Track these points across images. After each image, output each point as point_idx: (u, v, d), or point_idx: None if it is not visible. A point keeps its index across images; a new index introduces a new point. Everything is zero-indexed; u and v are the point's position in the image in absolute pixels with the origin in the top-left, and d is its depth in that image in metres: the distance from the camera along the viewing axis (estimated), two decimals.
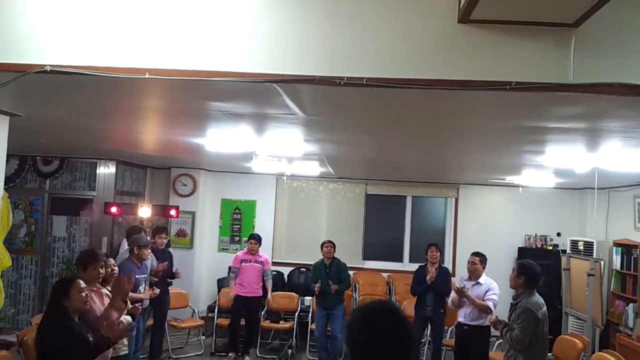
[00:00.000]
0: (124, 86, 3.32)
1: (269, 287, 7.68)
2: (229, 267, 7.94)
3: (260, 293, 7.59)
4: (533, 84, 2.79)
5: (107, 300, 4.37)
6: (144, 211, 7.73)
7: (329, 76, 2.85)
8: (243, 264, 7.53)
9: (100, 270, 4.29)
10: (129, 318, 4.66)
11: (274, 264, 9.35)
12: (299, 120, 4.11)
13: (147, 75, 2.97)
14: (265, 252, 8.06)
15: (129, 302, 4.62)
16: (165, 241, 7.35)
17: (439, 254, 6.98)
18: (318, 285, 7.15)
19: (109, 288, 4.49)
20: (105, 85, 3.31)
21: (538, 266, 4.62)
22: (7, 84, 3.23)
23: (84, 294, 3.76)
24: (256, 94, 3.34)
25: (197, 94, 3.52)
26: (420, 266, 7.14)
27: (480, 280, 5.87)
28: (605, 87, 2.78)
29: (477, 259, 5.94)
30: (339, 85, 2.86)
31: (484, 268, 5.93)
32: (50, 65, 3.03)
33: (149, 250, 6.02)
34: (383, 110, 3.64)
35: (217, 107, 3.86)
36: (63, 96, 3.88)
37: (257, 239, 7.69)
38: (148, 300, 6.32)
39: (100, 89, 3.50)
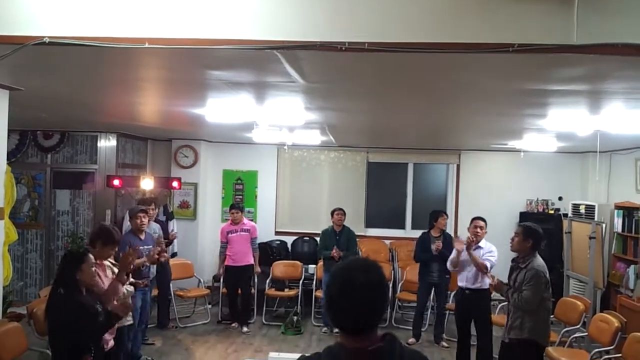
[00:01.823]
0: (123, 56, 3.29)
1: (257, 256, 7.71)
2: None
3: (252, 261, 7.62)
4: (536, 45, 2.76)
5: (109, 272, 4.45)
6: (147, 183, 7.75)
7: (330, 42, 2.82)
8: (230, 235, 7.56)
9: (112, 252, 4.45)
10: (131, 288, 4.74)
11: (277, 233, 9.46)
12: (300, 88, 4.09)
13: (146, 45, 2.95)
14: (268, 221, 8.14)
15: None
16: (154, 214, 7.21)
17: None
18: (335, 250, 7.19)
19: (112, 260, 4.57)
20: (105, 56, 3.30)
21: (540, 228, 4.66)
22: (6, 57, 3.21)
23: (93, 269, 3.83)
24: (256, 61, 3.32)
25: (197, 63, 3.49)
26: (423, 233, 7.20)
27: (481, 244, 5.93)
28: (609, 48, 2.75)
29: (483, 223, 5.98)
30: (340, 51, 2.84)
31: (485, 233, 5.98)
32: (48, 37, 3.00)
33: (146, 219, 6.01)
34: (384, 75, 3.62)
35: (217, 76, 3.83)
36: (62, 68, 3.85)
37: (238, 208, 7.70)
38: (155, 272, 6.41)
39: (100, 60, 3.47)
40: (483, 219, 6.03)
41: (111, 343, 4.30)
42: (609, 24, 2.74)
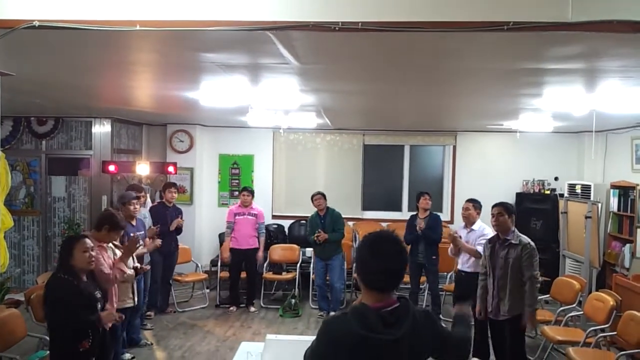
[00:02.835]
0: (115, 39, 3.26)
1: (262, 241, 7.75)
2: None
3: (257, 245, 7.68)
4: (531, 23, 2.74)
5: (111, 253, 4.50)
6: (142, 168, 7.75)
7: (323, 21, 2.79)
8: (237, 217, 7.61)
9: (117, 237, 4.58)
10: (131, 272, 4.76)
11: (274, 217, 9.47)
12: (294, 70, 4.06)
13: (137, 27, 2.91)
14: (264, 205, 8.15)
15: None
16: (175, 196, 7.37)
17: (430, 202, 7.17)
18: (318, 233, 7.27)
19: (115, 242, 4.62)
20: (96, 39, 3.26)
21: None
22: None
23: (87, 254, 3.80)
24: (249, 43, 3.29)
25: (189, 46, 3.46)
26: (412, 215, 7.27)
27: (474, 226, 5.95)
28: (604, 25, 2.73)
29: (471, 204, 6.02)
30: (334, 31, 2.81)
31: (478, 214, 5.99)
32: (38, 21, 2.96)
33: (138, 206, 6.01)
34: (379, 55, 3.59)
35: (210, 59, 3.80)
36: (53, 53, 3.81)
37: (250, 191, 7.75)
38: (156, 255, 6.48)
39: (91, 43, 3.44)
40: (472, 200, 6.07)
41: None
42: (603, 0, 2.72)
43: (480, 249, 5.76)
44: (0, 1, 3.03)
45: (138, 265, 5.03)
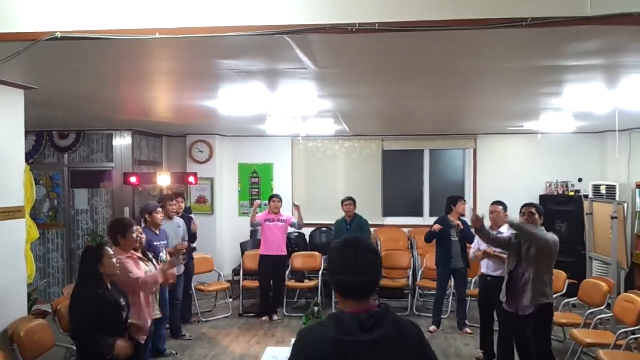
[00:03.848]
0: (134, 49, 3.31)
1: (302, 221, 7.76)
2: (251, 231, 8.08)
3: (285, 252, 7.69)
4: (549, 19, 2.71)
5: (142, 264, 4.53)
6: (163, 179, 7.80)
7: (340, 24, 2.80)
8: (267, 223, 7.62)
9: (136, 236, 4.49)
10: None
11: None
12: (312, 75, 4.07)
13: (157, 35, 2.96)
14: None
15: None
16: (183, 206, 7.33)
17: None
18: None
19: (139, 255, 4.63)
20: (117, 50, 3.31)
21: None
22: (20, 54, 3.23)
23: (114, 260, 3.86)
24: (267, 48, 3.30)
25: (208, 53, 3.49)
26: (440, 217, 7.15)
27: (502, 229, 5.85)
28: (625, 18, 2.69)
29: (499, 207, 5.92)
30: (351, 33, 2.81)
31: (506, 216, 5.90)
32: (60, 32, 3.02)
33: (162, 214, 6.05)
34: (396, 57, 3.58)
35: (228, 66, 3.83)
36: (75, 65, 3.88)
37: (280, 198, 7.81)
38: (183, 267, 6.50)
39: (112, 54, 3.50)
40: (500, 203, 5.98)
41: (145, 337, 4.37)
42: None
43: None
44: (21, 14, 3.10)
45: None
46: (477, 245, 6.09)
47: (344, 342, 1.85)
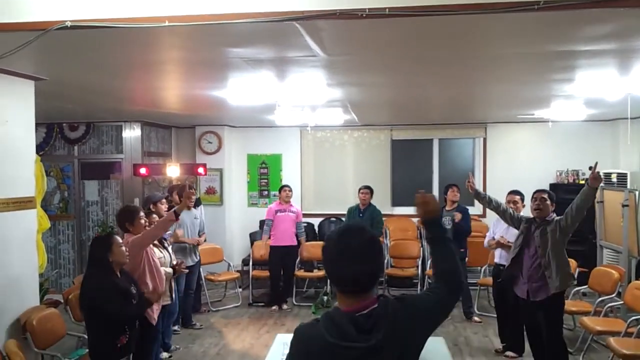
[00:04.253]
0: (144, 37, 3.30)
1: (303, 239, 7.80)
2: (261, 222, 8.06)
3: (296, 242, 7.74)
4: (562, 1, 2.68)
5: (156, 250, 4.64)
6: (173, 170, 7.81)
7: (350, 9, 2.79)
8: (278, 214, 7.66)
9: (143, 221, 4.54)
10: (169, 270, 4.82)
11: (304, 215, 9.42)
12: (321, 62, 4.05)
13: (166, 23, 2.96)
14: (294, 204, 8.16)
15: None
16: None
17: (459, 194, 7.13)
18: None
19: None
20: (126, 38, 3.31)
21: None
22: (31, 43, 3.24)
23: (123, 248, 3.89)
24: (276, 35, 3.29)
25: (217, 41, 3.47)
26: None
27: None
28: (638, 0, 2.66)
29: (518, 197, 5.88)
30: (361, 18, 2.80)
31: (523, 206, 5.86)
32: (70, 21, 3.02)
33: (166, 205, 6.05)
34: (406, 43, 3.55)
35: (237, 54, 3.82)
36: (84, 54, 3.88)
37: (290, 188, 7.88)
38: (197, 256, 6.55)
39: (121, 43, 3.49)
40: (517, 192, 5.93)
41: (156, 316, 4.43)
42: None
43: None
44: (30, 3, 3.10)
45: (175, 262, 5.12)
46: (492, 234, 6.07)
47: (338, 346, 1.72)
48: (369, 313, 1.76)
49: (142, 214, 4.58)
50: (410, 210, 9.45)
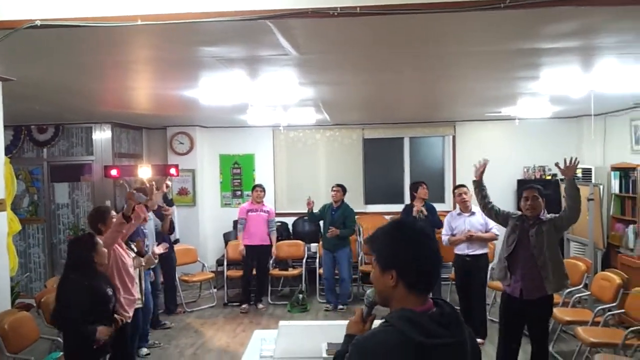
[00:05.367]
0: (115, 37, 3.30)
1: (274, 238, 7.82)
2: (234, 222, 8.06)
3: (269, 242, 7.75)
4: (527, 0, 2.77)
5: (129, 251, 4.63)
6: (144, 171, 7.73)
7: (321, 8, 2.83)
8: (250, 213, 7.67)
9: (115, 220, 4.47)
10: (139, 258, 4.82)
11: (278, 214, 9.45)
12: (293, 61, 4.09)
13: (139, 22, 2.96)
14: (268, 203, 8.18)
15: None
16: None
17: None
18: (310, 202, 7.59)
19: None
20: (97, 37, 3.29)
21: None
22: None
23: (104, 249, 3.88)
24: (248, 34, 3.32)
25: (189, 40, 3.48)
26: (407, 205, 7.23)
27: (474, 209, 5.99)
28: None
29: (465, 188, 6.06)
30: (333, 17, 2.84)
31: (471, 195, 5.98)
32: (40, 20, 3.00)
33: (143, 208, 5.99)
34: (376, 41, 3.61)
35: (210, 53, 3.83)
36: (54, 54, 3.85)
37: (262, 188, 7.90)
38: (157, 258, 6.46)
39: (91, 43, 3.47)
40: (464, 185, 6.15)
41: (131, 314, 4.43)
42: None
43: (495, 230, 5.83)
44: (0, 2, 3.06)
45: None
46: (449, 230, 6.19)
47: (428, 345, 1.57)
48: (438, 312, 1.67)
49: (113, 213, 4.56)
50: (383, 207, 9.58)
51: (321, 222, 7.92)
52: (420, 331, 1.57)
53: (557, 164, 4.61)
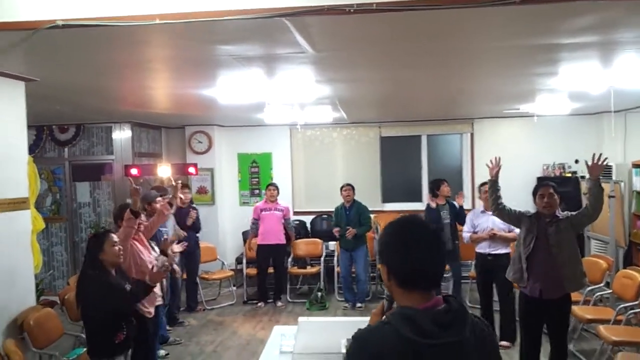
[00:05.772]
0: (134, 36, 3.35)
1: (292, 235, 7.85)
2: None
3: (284, 240, 7.77)
4: None
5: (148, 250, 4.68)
6: (164, 170, 7.82)
7: (338, 4, 2.85)
8: (263, 213, 7.71)
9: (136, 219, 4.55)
10: (162, 257, 4.87)
11: (296, 213, 9.52)
12: (310, 59, 4.11)
13: (157, 21, 3.00)
14: (285, 202, 8.22)
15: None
16: (189, 196, 7.45)
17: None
18: (337, 229, 7.41)
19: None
20: (117, 37, 3.34)
21: None
22: (23, 42, 3.27)
23: (117, 248, 3.91)
24: (265, 32, 3.34)
25: (207, 38, 3.52)
26: (429, 204, 7.14)
27: None
28: None
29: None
30: (349, 14, 2.86)
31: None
32: (61, 20, 3.06)
33: (167, 205, 6.06)
34: (393, 38, 3.62)
35: (227, 51, 3.87)
36: (74, 54, 3.91)
37: (276, 186, 7.92)
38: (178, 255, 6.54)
39: (111, 42, 3.53)
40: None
41: (152, 310, 4.51)
42: None
43: (518, 231, 5.77)
44: (21, 3, 3.13)
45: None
46: (472, 227, 6.15)
47: (423, 345, 1.53)
48: (444, 309, 1.61)
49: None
50: (401, 205, 9.56)
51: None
52: (415, 330, 1.54)
53: (585, 162, 4.51)
